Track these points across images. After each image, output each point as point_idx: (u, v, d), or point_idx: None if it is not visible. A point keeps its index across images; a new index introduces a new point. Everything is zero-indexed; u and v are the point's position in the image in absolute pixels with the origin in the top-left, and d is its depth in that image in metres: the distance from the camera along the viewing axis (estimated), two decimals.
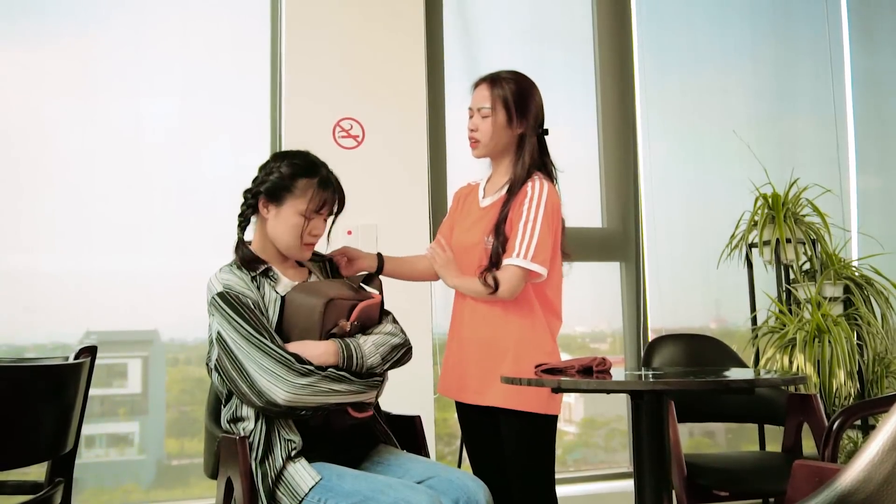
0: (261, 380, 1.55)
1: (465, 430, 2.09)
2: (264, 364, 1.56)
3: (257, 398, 1.56)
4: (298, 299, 1.68)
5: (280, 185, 1.75)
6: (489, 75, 2.06)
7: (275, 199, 1.75)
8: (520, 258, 1.88)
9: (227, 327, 1.60)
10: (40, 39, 2.83)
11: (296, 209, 1.74)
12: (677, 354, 2.70)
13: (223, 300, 1.63)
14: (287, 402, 1.55)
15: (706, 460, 2.36)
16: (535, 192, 1.93)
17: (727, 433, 3.63)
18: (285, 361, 1.56)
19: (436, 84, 3.23)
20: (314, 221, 1.76)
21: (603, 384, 1.54)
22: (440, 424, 3.08)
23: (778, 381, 1.59)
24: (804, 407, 2.39)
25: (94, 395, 2.68)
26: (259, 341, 1.58)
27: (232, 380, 1.60)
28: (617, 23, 3.59)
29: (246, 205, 1.79)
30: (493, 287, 1.88)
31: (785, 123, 3.91)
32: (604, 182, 3.51)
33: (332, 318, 1.66)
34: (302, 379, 1.56)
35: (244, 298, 1.64)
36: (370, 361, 1.67)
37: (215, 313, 1.64)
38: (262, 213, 1.77)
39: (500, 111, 1.99)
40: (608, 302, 3.49)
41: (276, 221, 1.75)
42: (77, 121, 2.84)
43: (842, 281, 3.09)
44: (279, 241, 1.77)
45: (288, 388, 1.54)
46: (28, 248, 2.74)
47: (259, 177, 1.79)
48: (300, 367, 1.57)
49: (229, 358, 1.60)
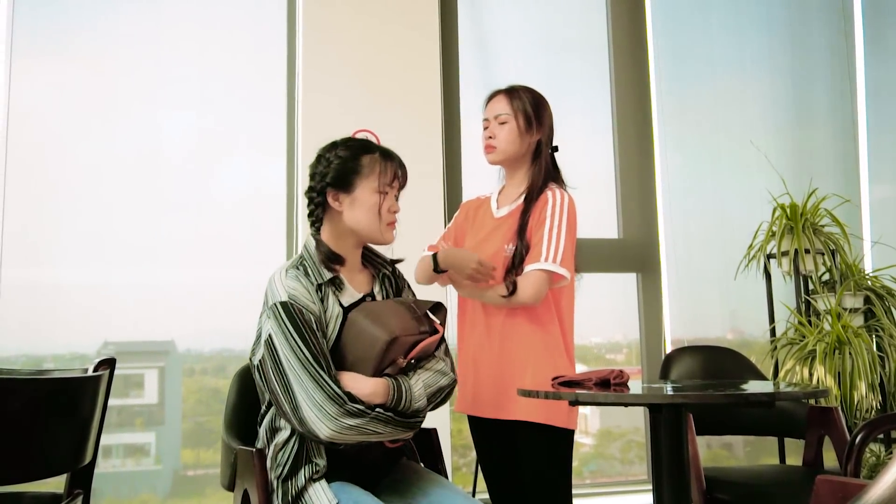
0: (308, 411, 1.48)
1: (479, 446, 2.07)
2: (315, 397, 1.48)
3: (298, 425, 1.51)
4: (362, 324, 1.59)
5: (346, 169, 1.65)
6: (505, 87, 2.08)
7: (345, 186, 1.65)
8: (548, 262, 1.88)
9: (283, 341, 1.52)
10: (61, 55, 2.87)
11: (370, 188, 1.65)
12: (695, 366, 2.67)
13: (285, 311, 1.53)
14: (329, 439, 1.50)
15: (726, 474, 2.33)
16: (556, 200, 1.95)
17: (746, 446, 3.59)
18: (337, 400, 1.48)
19: (451, 95, 3.24)
20: (389, 197, 1.68)
21: (621, 397, 1.52)
22: (455, 436, 3.06)
23: (799, 395, 1.57)
24: (825, 420, 2.35)
25: (111, 405, 2.69)
26: (315, 370, 1.50)
27: (274, 393, 1.53)
28: (632, 32, 3.58)
29: (314, 204, 1.68)
30: (510, 291, 1.88)
31: (802, 133, 3.89)
32: (620, 192, 3.50)
33: (391, 355, 1.58)
34: (351, 420, 1.49)
35: (307, 314, 1.54)
36: (417, 405, 1.60)
37: (273, 319, 1.54)
38: (333, 208, 1.66)
39: (519, 117, 2.02)
40: (624, 313, 3.47)
41: (352, 209, 1.66)
42: (97, 135, 2.87)
43: (862, 292, 3.05)
44: (361, 228, 1.66)
45: (334, 426, 1.48)
46: (47, 259, 2.77)
47: (318, 172, 1.68)
48: (351, 408, 1.49)
49: (277, 371, 1.52)
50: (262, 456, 1.61)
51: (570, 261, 1.92)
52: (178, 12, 3.00)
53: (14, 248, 2.69)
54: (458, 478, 3.10)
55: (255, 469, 1.58)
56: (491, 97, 2.09)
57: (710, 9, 3.85)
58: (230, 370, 2.89)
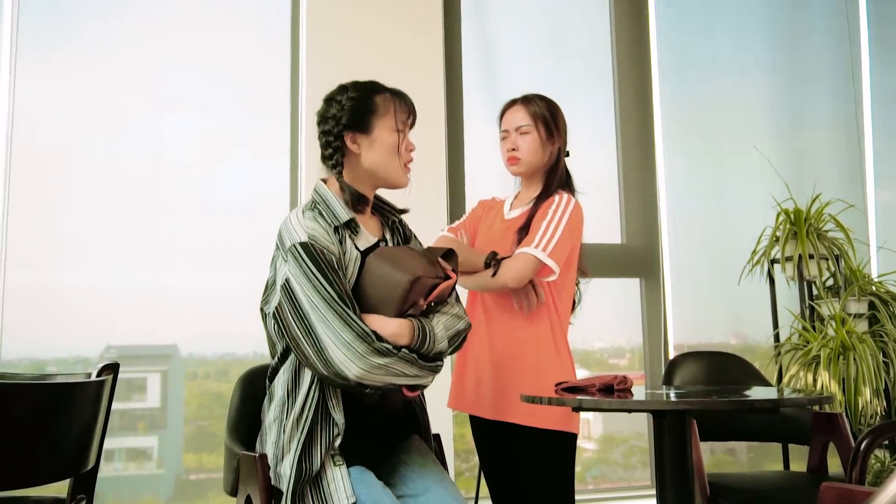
0: (335, 351, 1.42)
1: (481, 445, 2.08)
2: (343, 336, 1.43)
3: (323, 367, 1.44)
4: (381, 268, 1.55)
5: (361, 109, 1.61)
6: (520, 97, 2.08)
7: (362, 127, 1.62)
8: (538, 249, 1.87)
9: (305, 282, 1.46)
10: (65, 59, 2.88)
11: (388, 127, 1.62)
12: (699, 372, 2.67)
13: (306, 252, 1.47)
14: (358, 379, 1.44)
15: (730, 480, 2.32)
16: (561, 201, 1.97)
17: (749, 451, 3.58)
18: (366, 338, 1.44)
19: (454, 100, 3.24)
20: (405, 136, 1.66)
21: (625, 404, 1.52)
22: (458, 440, 3.06)
23: (803, 401, 1.56)
24: (830, 426, 2.34)
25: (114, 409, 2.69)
26: (341, 309, 1.44)
27: (295, 339, 1.47)
28: (635, 38, 3.58)
29: (332, 148, 1.63)
30: (494, 272, 1.88)
31: (806, 138, 3.88)
32: (623, 198, 3.50)
33: (413, 297, 1.55)
34: (380, 359, 1.45)
35: (328, 255, 1.49)
36: (440, 347, 1.57)
37: (292, 262, 1.48)
38: (351, 151, 1.62)
39: (540, 126, 2.02)
40: (627, 318, 3.47)
41: (371, 150, 1.62)
42: (100, 138, 2.88)
43: (866, 297, 3.04)
44: (381, 169, 1.63)
45: (363, 365, 1.43)
46: (51, 263, 2.77)
47: (331, 115, 1.63)
48: (380, 346, 1.45)
49: (297, 315, 1.46)
50: (265, 461, 1.60)
51: (560, 255, 1.90)
52: (182, 16, 3.01)
53: (18, 252, 2.69)
54: (461, 483, 3.09)
55: (259, 474, 1.58)
56: (507, 107, 2.09)
57: (712, 14, 3.85)
58: (233, 374, 2.88)
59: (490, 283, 1.91)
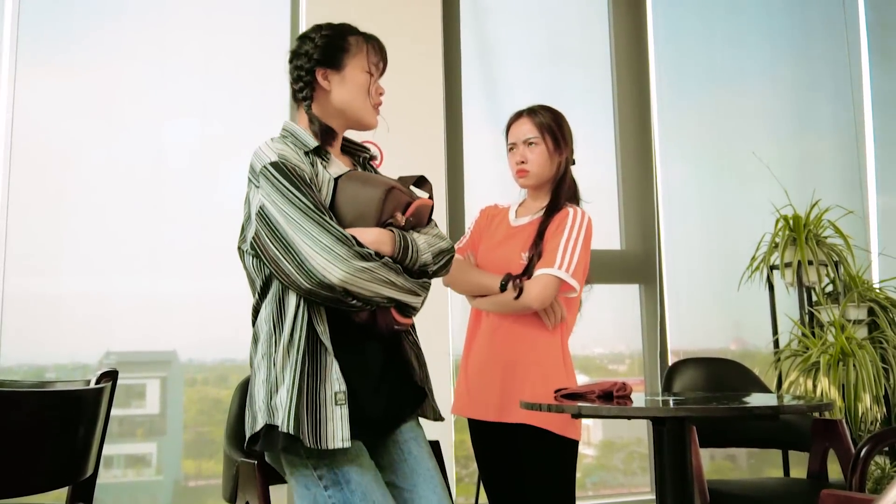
0: (316, 257, 1.39)
1: (480, 451, 2.07)
2: (322, 241, 1.40)
3: (306, 279, 1.40)
4: (353, 187, 1.54)
5: (335, 46, 1.62)
6: (526, 109, 2.10)
7: (333, 63, 1.61)
8: (560, 270, 1.89)
9: (279, 198, 1.44)
10: (66, 64, 2.88)
11: (359, 66, 1.62)
12: (699, 378, 2.67)
13: (277, 169, 1.46)
14: (342, 283, 1.39)
15: (730, 487, 2.32)
16: (577, 215, 1.98)
17: (749, 457, 3.57)
18: (346, 241, 1.41)
19: (453, 106, 3.24)
20: (375, 79, 1.65)
21: (624, 410, 1.52)
22: (458, 447, 3.05)
23: (803, 408, 1.56)
24: (830, 432, 2.34)
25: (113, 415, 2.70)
26: (318, 216, 1.42)
27: (275, 260, 1.43)
28: (634, 44, 3.59)
29: (303, 82, 1.62)
30: (518, 294, 1.89)
31: (805, 144, 3.89)
32: (622, 204, 3.50)
33: (390, 207, 1.53)
34: (362, 262, 1.41)
35: (300, 171, 1.48)
36: (424, 258, 1.54)
37: (264, 184, 1.47)
38: (321, 86, 1.62)
39: (547, 138, 2.04)
40: (626, 324, 3.47)
41: (341, 87, 1.61)
42: (100, 144, 2.88)
43: (866, 303, 3.04)
44: (350, 106, 1.62)
45: (346, 268, 1.39)
46: (50, 269, 2.77)
47: (304, 51, 1.63)
48: (361, 250, 1.42)
49: (274, 234, 1.43)
50: (264, 469, 1.60)
51: (581, 274, 1.94)
52: (182, 21, 3.01)
53: (17, 258, 2.69)
54: (461, 489, 3.09)
55: (257, 482, 1.58)
56: (513, 120, 2.10)
57: (711, 20, 3.86)
58: (232, 380, 2.88)
59: (513, 305, 1.92)
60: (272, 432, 1.43)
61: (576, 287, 1.93)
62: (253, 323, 1.59)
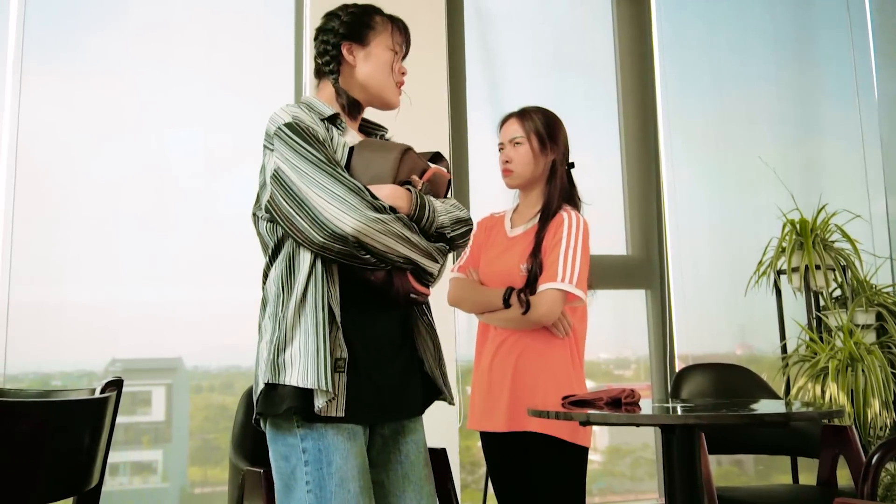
0: (329, 207, 1.37)
1: (491, 461, 2.06)
2: (335, 191, 1.38)
3: (319, 231, 1.37)
4: (368, 152, 1.52)
5: (360, 23, 1.62)
6: (518, 110, 2.10)
7: (359, 39, 1.61)
8: (564, 283, 1.89)
9: (293, 156, 1.42)
10: (70, 74, 2.89)
11: (384, 44, 1.63)
12: (706, 384, 2.65)
13: (291, 129, 1.45)
14: (356, 232, 1.36)
15: (740, 494, 2.30)
16: (573, 221, 1.97)
17: (757, 463, 3.55)
18: (360, 192, 1.39)
19: (458, 114, 3.24)
20: (399, 58, 1.66)
21: (633, 418, 1.50)
22: (463, 453, 3.04)
23: (814, 415, 1.55)
24: (839, 439, 2.32)
25: (119, 423, 2.70)
26: (331, 169, 1.40)
27: (287, 217, 1.41)
28: (638, 50, 3.58)
29: (329, 56, 1.61)
30: (524, 309, 1.88)
31: (811, 148, 3.87)
32: (628, 209, 3.49)
33: (406, 169, 1.50)
34: (375, 213, 1.38)
35: (313, 130, 1.47)
36: (441, 220, 1.51)
37: (278, 145, 1.46)
38: (346, 61, 1.61)
39: (533, 138, 2.04)
40: (632, 329, 3.45)
41: (366, 63, 1.61)
42: (105, 153, 2.88)
43: (874, 308, 3.03)
44: (374, 82, 1.62)
45: (359, 217, 1.36)
46: (56, 278, 2.77)
47: (330, 27, 1.62)
48: (374, 202, 1.39)
49: (287, 191, 1.41)
50: (270, 478, 1.59)
51: (584, 283, 1.94)
52: (186, 30, 3.02)
53: (23, 267, 2.69)
54: (467, 495, 3.07)
55: (263, 490, 1.57)
56: (504, 121, 2.12)
57: (716, 25, 3.86)
58: (238, 387, 2.88)
59: (522, 321, 1.92)
60: (272, 392, 1.39)
61: (582, 296, 1.93)
62: (262, 287, 1.55)
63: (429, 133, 3.10)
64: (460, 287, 2.07)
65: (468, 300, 2.06)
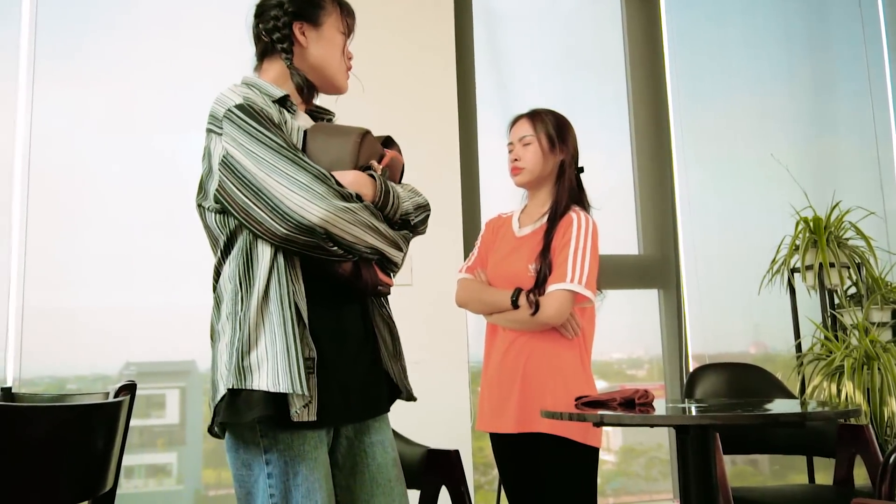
0: (292, 196, 1.26)
1: (503, 464, 2.06)
2: (298, 179, 1.28)
3: (282, 222, 1.27)
4: (323, 136, 1.43)
5: (311, 2, 1.52)
6: (528, 111, 2.11)
7: (311, 19, 1.52)
8: (574, 283, 1.89)
9: (246, 139, 1.32)
10: (82, 80, 2.91)
11: (335, 26, 1.54)
12: (720, 384, 2.63)
13: (243, 111, 1.35)
14: (323, 222, 1.26)
15: (755, 495, 2.28)
16: (582, 221, 1.97)
17: (772, 463, 3.53)
18: (325, 179, 1.29)
19: (468, 115, 3.24)
20: (348, 42, 1.57)
21: (647, 419, 1.50)
22: (476, 454, 3.04)
23: (830, 415, 1.53)
24: (856, 438, 2.30)
25: (133, 425, 2.71)
26: (292, 154, 1.30)
27: (243, 208, 1.30)
28: (649, 49, 3.57)
29: (281, 34, 1.51)
30: (534, 310, 1.88)
31: (824, 145, 3.84)
32: (640, 209, 3.48)
33: (366, 153, 1.42)
34: (343, 202, 1.29)
35: (268, 113, 1.37)
36: (406, 206, 1.44)
37: (229, 128, 1.35)
38: (298, 41, 1.51)
39: (542, 138, 2.05)
40: (645, 329, 3.44)
41: (318, 44, 1.52)
42: (117, 158, 2.90)
43: (889, 305, 3.00)
44: (326, 65, 1.53)
45: (326, 206, 1.26)
46: (70, 283, 2.79)
47: (278, 2, 1.53)
48: (341, 189, 1.31)
49: (241, 179, 1.30)
50: None
51: (593, 284, 1.94)
52: (197, 36, 3.03)
53: (37, 272, 2.71)
54: (480, 496, 3.07)
55: None
56: (514, 122, 2.13)
57: (726, 23, 3.84)
58: None
59: (531, 322, 1.92)
60: (237, 399, 1.29)
61: (591, 297, 1.93)
62: (214, 287, 1.47)
63: (438, 134, 3.09)
64: (468, 288, 2.07)
65: (476, 301, 2.05)
